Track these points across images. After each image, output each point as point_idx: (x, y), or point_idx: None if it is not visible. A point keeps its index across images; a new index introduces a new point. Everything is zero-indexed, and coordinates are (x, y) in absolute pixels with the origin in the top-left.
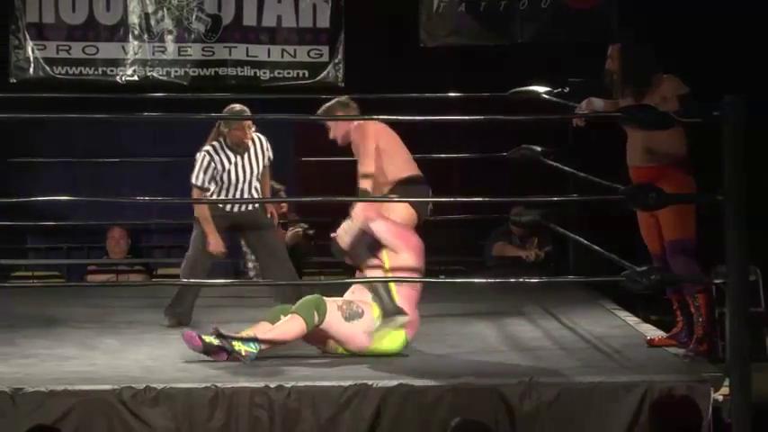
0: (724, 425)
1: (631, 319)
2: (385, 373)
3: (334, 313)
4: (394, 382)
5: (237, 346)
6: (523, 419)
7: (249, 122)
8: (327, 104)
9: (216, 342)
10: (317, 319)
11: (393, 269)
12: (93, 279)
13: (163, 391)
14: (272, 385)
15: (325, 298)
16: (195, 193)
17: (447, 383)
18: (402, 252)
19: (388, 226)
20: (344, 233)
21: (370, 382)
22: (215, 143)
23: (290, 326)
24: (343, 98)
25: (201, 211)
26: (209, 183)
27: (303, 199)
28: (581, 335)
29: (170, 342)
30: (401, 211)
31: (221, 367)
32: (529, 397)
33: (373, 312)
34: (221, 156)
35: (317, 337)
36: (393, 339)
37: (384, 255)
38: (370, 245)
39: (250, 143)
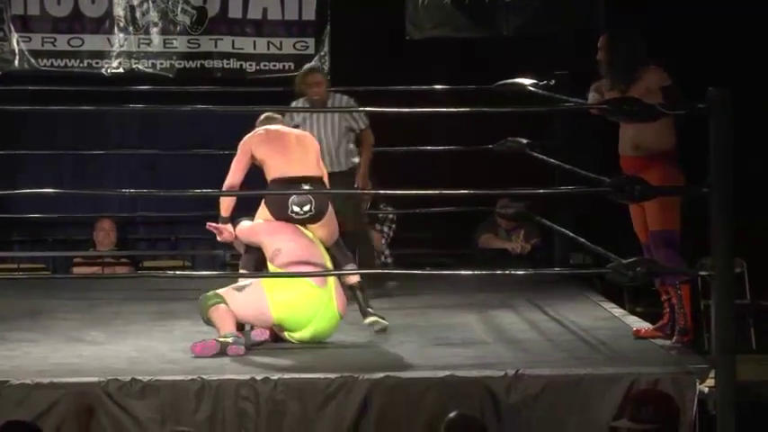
0: (709, 416)
1: (617, 311)
2: (371, 365)
3: (226, 291)
4: (380, 374)
5: (222, 338)
6: (509, 411)
7: (319, 79)
8: None
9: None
10: (221, 300)
11: (272, 258)
12: (78, 271)
13: (149, 383)
14: (259, 377)
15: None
16: None
17: (433, 375)
18: (261, 241)
19: (243, 234)
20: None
21: (356, 375)
22: (297, 101)
23: (219, 316)
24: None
25: None
26: None
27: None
28: (567, 327)
29: (156, 334)
30: (261, 212)
31: (207, 360)
32: (515, 389)
33: (261, 282)
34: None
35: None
36: (290, 288)
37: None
38: (254, 256)
39: (329, 102)
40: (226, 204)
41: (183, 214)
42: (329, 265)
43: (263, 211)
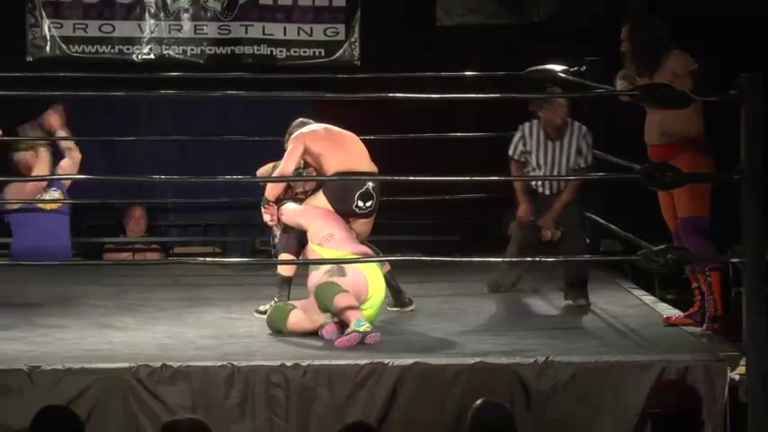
0: (740, 404)
1: (648, 298)
2: (401, 352)
3: (333, 276)
4: (410, 361)
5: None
6: (539, 398)
7: (561, 102)
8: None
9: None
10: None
11: (322, 241)
12: (109, 257)
13: (179, 369)
14: (289, 364)
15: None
16: (511, 165)
17: (463, 362)
18: (310, 224)
19: (290, 215)
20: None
21: (385, 361)
22: (534, 120)
23: (346, 303)
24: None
25: (516, 183)
26: (521, 157)
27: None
28: (597, 314)
29: (186, 320)
30: (318, 200)
31: (238, 346)
32: (545, 376)
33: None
34: (533, 134)
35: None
36: (372, 268)
37: (309, 239)
38: (299, 238)
39: (567, 129)
40: (275, 191)
41: (214, 200)
42: None
43: (320, 200)
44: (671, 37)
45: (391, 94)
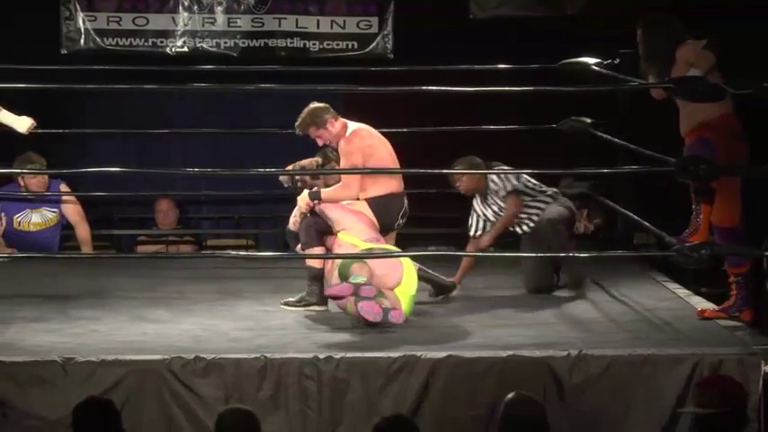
0: None
1: (682, 291)
2: (434, 345)
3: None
4: (443, 354)
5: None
6: (572, 391)
7: (456, 177)
8: (310, 110)
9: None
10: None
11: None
12: (142, 250)
13: (212, 361)
14: (321, 356)
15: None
16: (473, 243)
17: (495, 355)
18: (346, 222)
19: (338, 207)
20: (295, 218)
21: (418, 354)
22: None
23: (358, 267)
24: (322, 104)
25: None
26: (485, 228)
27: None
28: (631, 307)
29: (219, 313)
30: (366, 213)
31: (270, 338)
32: (578, 369)
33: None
34: (476, 204)
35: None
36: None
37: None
38: (320, 229)
39: (483, 186)
40: (331, 198)
41: (247, 193)
42: None
43: (366, 210)
44: (686, 31)
45: (424, 87)
